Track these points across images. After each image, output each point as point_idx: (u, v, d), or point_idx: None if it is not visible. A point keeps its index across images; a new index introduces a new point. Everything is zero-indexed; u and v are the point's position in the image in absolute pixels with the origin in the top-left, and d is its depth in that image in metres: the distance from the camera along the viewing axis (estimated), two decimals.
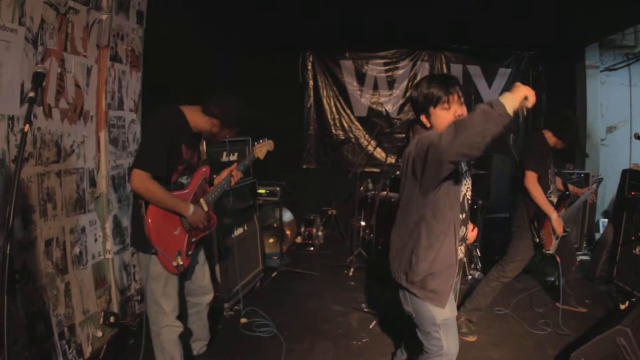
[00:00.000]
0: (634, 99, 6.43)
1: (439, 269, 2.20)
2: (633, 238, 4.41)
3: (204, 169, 2.78)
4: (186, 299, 2.92)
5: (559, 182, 4.01)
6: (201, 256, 2.93)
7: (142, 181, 2.39)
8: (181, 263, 2.56)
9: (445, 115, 2.14)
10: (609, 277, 4.73)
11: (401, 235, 2.33)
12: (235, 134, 2.83)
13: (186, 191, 2.64)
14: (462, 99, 2.17)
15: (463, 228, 2.33)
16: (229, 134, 2.75)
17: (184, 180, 2.66)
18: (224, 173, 2.92)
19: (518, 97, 1.79)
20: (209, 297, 2.99)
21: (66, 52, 2.86)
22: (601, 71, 6.30)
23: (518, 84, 1.84)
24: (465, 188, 2.32)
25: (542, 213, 3.51)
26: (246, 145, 4.50)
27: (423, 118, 2.25)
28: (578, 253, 5.64)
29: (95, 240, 3.19)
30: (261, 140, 3.09)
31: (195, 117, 2.61)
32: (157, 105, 2.65)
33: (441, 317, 2.24)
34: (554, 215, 3.50)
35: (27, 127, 1.78)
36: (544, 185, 3.57)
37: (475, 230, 2.58)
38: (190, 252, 2.65)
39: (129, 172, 3.46)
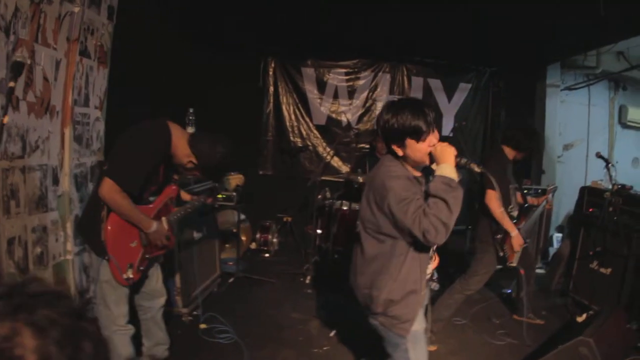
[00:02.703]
0: (592, 118, 6.74)
1: (399, 296, 2.21)
2: (591, 253, 4.58)
3: (172, 188, 2.77)
4: (138, 304, 2.87)
5: (519, 196, 4.08)
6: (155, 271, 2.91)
7: (111, 192, 2.36)
8: (131, 276, 2.52)
9: (422, 147, 2.12)
10: (565, 290, 4.90)
11: (364, 260, 2.34)
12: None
13: (150, 206, 2.62)
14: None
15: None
16: (198, 174, 2.79)
17: (151, 199, 2.65)
18: (187, 197, 3.00)
19: (451, 161, 2.07)
20: (162, 300, 2.95)
21: (37, 44, 2.76)
22: (561, 90, 6.57)
23: (435, 149, 2.11)
24: None
25: (504, 228, 3.62)
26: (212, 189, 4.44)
27: (395, 147, 2.18)
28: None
29: (57, 240, 3.06)
30: (232, 174, 3.08)
31: (179, 143, 2.56)
32: (122, 103, 2.61)
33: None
34: (514, 232, 3.60)
35: (6, 119, 1.72)
36: (506, 201, 3.67)
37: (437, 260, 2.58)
38: (142, 268, 2.62)
39: (92, 170, 3.40)
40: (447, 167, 2.07)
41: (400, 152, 2.18)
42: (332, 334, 3.86)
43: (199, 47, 5.77)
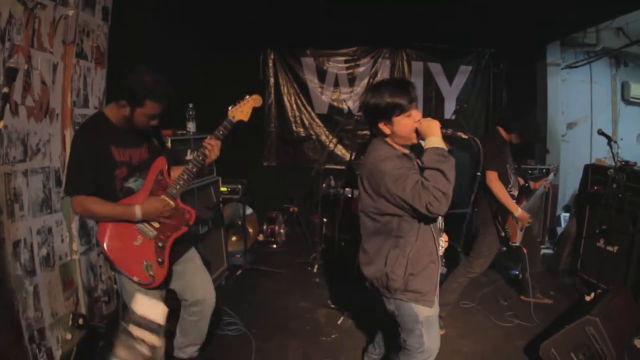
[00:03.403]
0: (595, 96, 6.64)
1: (418, 269, 2.25)
2: (597, 231, 4.58)
3: (157, 161, 2.50)
4: (181, 298, 2.75)
5: (520, 179, 4.07)
6: (193, 260, 2.75)
7: (79, 205, 2.26)
8: (152, 274, 2.36)
9: (408, 122, 2.19)
10: (573, 270, 4.89)
11: (373, 243, 2.37)
12: (162, 110, 2.36)
13: (139, 194, 2.42)
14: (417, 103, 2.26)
15: (439, 219, 2.41)
16: (150, 114, 2.31)
17: (131, 184, 2.42)
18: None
19: (438, 133, 2.15)
20: (212, 301, 2.77)
21: (33, 49, 2.79)
22: (562, 69, 6.47)
23: (421, 124, 2.18)
24: None
25: (505, 208, 3.63)
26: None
27: (382, 125, 2.23)
28: (541, 247, 5.84)
29: (62, 240, 3.12)
30: (240, 102, 2.59)
31: (112, 112, 2.35)
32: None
33: (424, 314, 2.30)
34: (517, 211, 3.62)
35: (1, 124, 1.74)
36: (504, 181, 3.68)
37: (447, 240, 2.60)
38: (161, 259, 2.42)
39: None
40: (435, 139, 2.16)
41: (387, 130, 2.23)
42: (339, 321, 3.90)
43: (197, 42, 5.78)
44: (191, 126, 4.22)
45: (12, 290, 2.59)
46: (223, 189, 5.45)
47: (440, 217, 2.40)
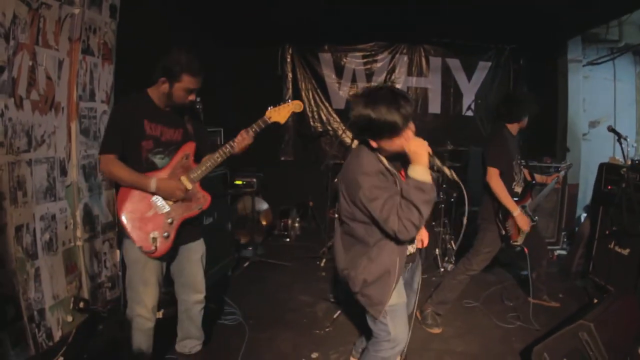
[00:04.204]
0: (618, 94, 6.41)
1: (372, 277, 2.27)
2: (608, 232, 4.43)
3: (186, 145, 2.66)
4: (178, 297, 2.90)
5: (526, 172, 3.96)
6: (196, 252, 2.84)
7: (104, 165, 2.50)
8: (156, 245, 2.51)
9: (398, 142, 2.11)
10: (585, 272, 4.75)
11: (341, 242, 2.43)
12: (198, 84, 2.55)
13: (162, 171, 2.58)
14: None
15: None
16: (187, 88, 2.51)
17: (157, 160, 2.59)
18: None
19: (424, 162, 2.07)
20: (198, 296, 2.87)
21: (38, 46, 2.96)
22: (584, 65, 6.27)
23: (409, 146, 2.09)
24: None
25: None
26: (217, 136, 4.58)
27: (370, 140, 2.16)
28: (556, 248, 5.65)
29: (66, 227, 3.30)
30: (281, 104, 2.71)
31: (154, 92, 2.58)
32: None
33: (387, 304, 2.32)
34: (516, 212, 3.52)
35: None
36: (508, 178, 3.60)
37: (426, 235, 2.63)
38: (167, 234, 2.55)
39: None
40: (419, 170, 2.07)
41: (374, 145, 2.16)
42: (336, 315, 3.91)
43: (217, 39, 5.93)
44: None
45: (12, 271, 2.77)
46: (238, 182, 5.60)
47: None
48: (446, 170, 2.24)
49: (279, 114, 2.69)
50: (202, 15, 5.41)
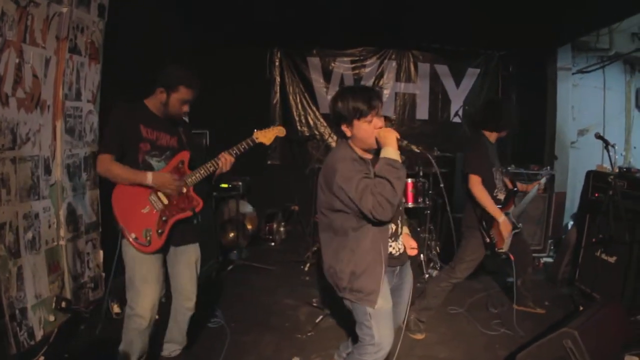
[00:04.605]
0: (608, 102, 6.51)
1: (361, 268, 2.32)
2: (594, 240, 4.45)
3: (182, 153, 2.79)
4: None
5: (507, 180, 3.98)
6: (190, 256, 2.89)
7: (102, 164, 2.58)
8: (149, 239, 2.60)
9: (367, 127, 2.30)
10: (571, 280, 4.75)
11: (323, 238, 2.49)
12: (193, 96, 2.72)
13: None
14: (380, 112, 2.35)
15: (392, 226, 2.45)
16: (183, 99, 2.67)
17: (154, 162, 2.69)
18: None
19: (393, 144, 2.25)
20: (188, 303, 2.90)
21: (25, 44, 2.95)
22: (574, 74, 6.36)
23: (379, 133, 2.30)
24: None
25: (489, 214, 3.54)
26: (203, 139, 4.57)
27: (344, 128, 2.35)
28: (542, 255, 5.65)
29: (49, 226, 3.27)
30: (271, 127, 2.96)
31: (151, 101, 2.73)
32: (119, 97, 2.76)
33: (372, 308, 2.33)
34: (501, 218, 3.50)
35: None
36: (490, 185, 3.60)
37: (415, 244, 2.65)
38: (161, 231, 2.65)
39: (85, 161, 3.61)
40: (390, 150, 2.25)
41: (348, 133, 2.35)
42: (318, 320, 3.89)
43: (204, 40, 5.94)
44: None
45: None
46: (223, 185, 5.60)
47: (392, 225, 2.45)
48: (414, 148, 2.52)
49: (265, 136, 2.92)
50: (191, 17, 5.42)
